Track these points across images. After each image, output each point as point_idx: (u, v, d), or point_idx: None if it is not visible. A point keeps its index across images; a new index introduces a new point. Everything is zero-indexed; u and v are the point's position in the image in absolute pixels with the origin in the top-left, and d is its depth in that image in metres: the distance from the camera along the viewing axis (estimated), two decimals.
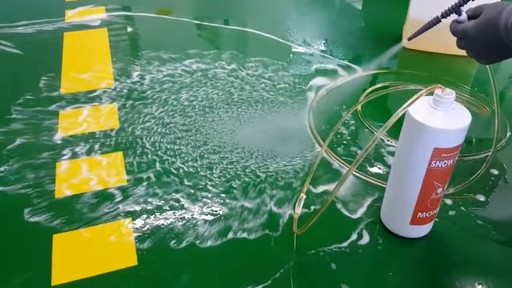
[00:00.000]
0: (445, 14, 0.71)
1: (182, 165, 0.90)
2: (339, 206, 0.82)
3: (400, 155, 0.71)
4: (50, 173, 0.88)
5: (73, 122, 1.02)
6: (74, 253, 0.73)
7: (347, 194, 0.84)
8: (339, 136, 0.99)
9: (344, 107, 1.08)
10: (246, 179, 0.87)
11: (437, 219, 0.76)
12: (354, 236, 0.76)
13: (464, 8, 0.68)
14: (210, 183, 0.86)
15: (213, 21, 1.51)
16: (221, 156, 0.93)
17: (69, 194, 0.83)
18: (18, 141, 0.96)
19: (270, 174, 0.88)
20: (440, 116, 0.63)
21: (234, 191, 0.84)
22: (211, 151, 0.94)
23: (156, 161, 0.91)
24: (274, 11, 1.66)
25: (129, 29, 1.44)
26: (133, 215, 0.79)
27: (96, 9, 1.55)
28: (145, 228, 0.76)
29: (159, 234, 0.76)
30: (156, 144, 0.95)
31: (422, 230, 0.76)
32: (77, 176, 0.87)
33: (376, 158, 0.93)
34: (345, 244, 0.75)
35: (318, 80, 1.20)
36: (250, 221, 0.78)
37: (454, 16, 0.70)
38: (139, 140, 0.97)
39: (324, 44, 1.40)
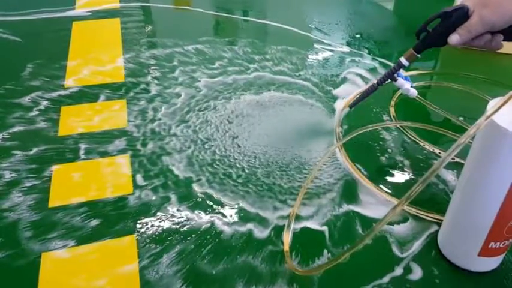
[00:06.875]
0: (381, 81, 0.74)
1: None
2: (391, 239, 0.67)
3: (472, 170, 0.56)
4: None
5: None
6: None
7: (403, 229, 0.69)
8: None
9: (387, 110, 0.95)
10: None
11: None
12: (399, 271, 0.62)
13: (398, 74, 0.71)
14: None
15: (231, 12, 1.39)
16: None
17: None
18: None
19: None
20: None
21: None
22: None
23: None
24: (300, 3, 1.52)
25: (142, 19, 1.32)
26: None
27: None
28: None
29: None
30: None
31: (491, 263, 0.61)
32: None
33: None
34: (385, 279, 0.60)
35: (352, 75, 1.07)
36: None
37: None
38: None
39: (359, 39, 1.26)
